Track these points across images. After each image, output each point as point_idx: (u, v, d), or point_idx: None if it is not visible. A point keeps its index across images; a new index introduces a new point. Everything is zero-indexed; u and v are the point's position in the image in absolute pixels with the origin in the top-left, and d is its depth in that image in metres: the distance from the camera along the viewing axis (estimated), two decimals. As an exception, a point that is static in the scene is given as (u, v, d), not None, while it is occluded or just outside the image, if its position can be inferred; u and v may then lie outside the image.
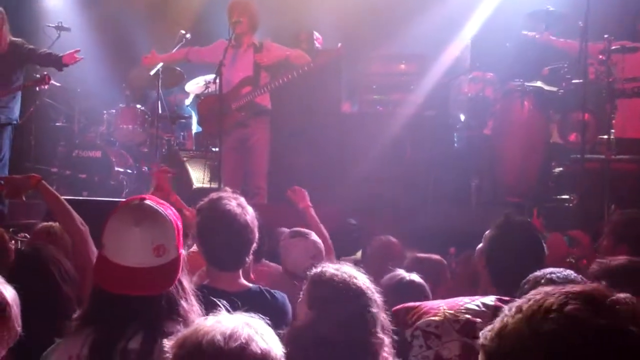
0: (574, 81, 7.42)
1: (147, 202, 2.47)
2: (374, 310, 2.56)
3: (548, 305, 1.18)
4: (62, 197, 3.50)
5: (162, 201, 2.53)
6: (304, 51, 7.71)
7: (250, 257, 3.37)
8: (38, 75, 7.98)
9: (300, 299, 2.73)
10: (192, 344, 1.80)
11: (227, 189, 3.55)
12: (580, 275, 2.74)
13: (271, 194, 7.45)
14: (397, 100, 8.61)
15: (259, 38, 7.71)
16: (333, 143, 8.23)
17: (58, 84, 9.17)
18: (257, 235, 3.33)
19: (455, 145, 8.62)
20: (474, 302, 2.01)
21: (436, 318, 1.96)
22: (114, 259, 2.39)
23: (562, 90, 7.63)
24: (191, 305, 2.47)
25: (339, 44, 7.55)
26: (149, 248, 2.38)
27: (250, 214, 3.33)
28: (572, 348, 1.14)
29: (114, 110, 9.58)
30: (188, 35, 8.49)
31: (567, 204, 7.48)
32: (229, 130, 7.47)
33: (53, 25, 8.94)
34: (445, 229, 6.53)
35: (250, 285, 3.32)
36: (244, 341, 1.78)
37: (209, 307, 3.08)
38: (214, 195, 3.39)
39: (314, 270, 2.70)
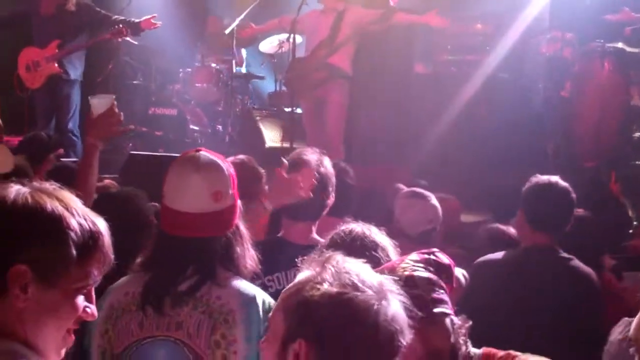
0: (657, 42, 7.21)
1: (203, 152, 2.59)
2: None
3: None
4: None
5: (216, 153, 2.64)
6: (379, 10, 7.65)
7: (325, 211, 3.44)
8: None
9: None
10: None
11: (308, 147, 3.66)
12: None
13: (346, 156, 7.46)
14: (472, 61, 8.48)
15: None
16: (406, 104, 8.17)
17: (135, 42, 9.32)
18: (333, 190, 3.42)
19: (531, 107, 8.46)
20: (404, 261, 2.07)
21: None
22: (174, 206, 2.53)
23: (644, 52, 7.42)
24: (246, 251, 2.59)
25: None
26: (208, 193, 2.50)
27: (329, 170, 3.44)
28: None
29: (189, 69, 9.70)
30: (262, -5, 8.52)
31: (645, 169, 7.31)
32: (307, 93, 7.51)
33: (130, -16, 9.07)
34: (517, 192, 6.44)
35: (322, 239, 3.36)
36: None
37: (281, 259, 3.17)
38: (298, 150, 3.57)
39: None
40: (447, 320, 2.04)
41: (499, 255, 3.88)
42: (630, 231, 6.09)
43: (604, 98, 7.46)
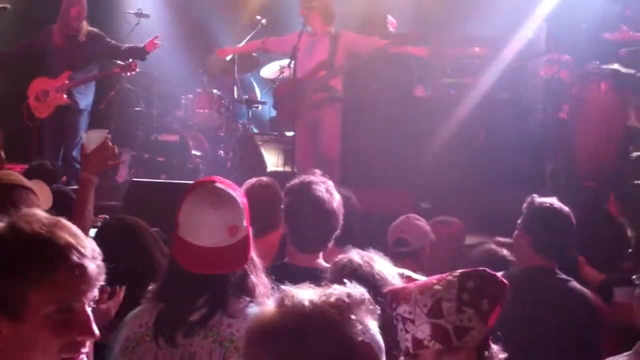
0: (653, 63, 7.27)
1: (218, 184, 2.58)
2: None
3: None
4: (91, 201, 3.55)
5: (229, 182, 2.64)
6: (378, 35, 7.76)
7: (332, 242, 3.47)
8: (121, 63, 8.25)
9: None
10: None
11: (317, 172, 3.62)
12: None
13: (343, 179, 7.50)
14: (470, 83, 8.53)
15: (335, 28, 7.76)
16: (406, 127, 8.23)
17: (138, 70, 9.42)
18: (341, 222, 3.44)
19: (530, 128, 8.51)
20: (441, 282, 2.10)
21: (409, 304, 2.06)
22: (191, 239, 2.50)
23: (640, 73, 7.48)
24: (260, 279, 2.59)
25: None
26: (224, 228, 2.49)
27: (337, 201, 3.45)
28: None
29: (191, 95, 9.77)
30: (264, 21, 8.65)
31: (644, 189, 7.34)
32: (303, 114, 7.58)
33: (133, 12, 9.20)
34: (518, 213, 6.48)
35: (328, 265, 3.39)
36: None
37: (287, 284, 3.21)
38: (305, 178, 3.51)
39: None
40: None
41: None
42: (630, 250, 6.11)
43: (601, 119, 7.51)
